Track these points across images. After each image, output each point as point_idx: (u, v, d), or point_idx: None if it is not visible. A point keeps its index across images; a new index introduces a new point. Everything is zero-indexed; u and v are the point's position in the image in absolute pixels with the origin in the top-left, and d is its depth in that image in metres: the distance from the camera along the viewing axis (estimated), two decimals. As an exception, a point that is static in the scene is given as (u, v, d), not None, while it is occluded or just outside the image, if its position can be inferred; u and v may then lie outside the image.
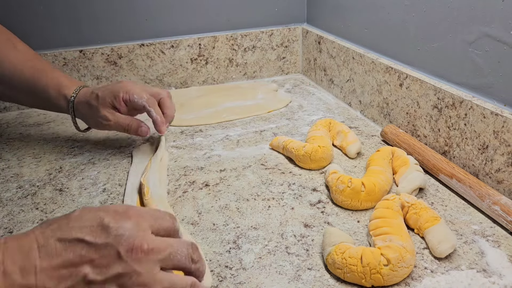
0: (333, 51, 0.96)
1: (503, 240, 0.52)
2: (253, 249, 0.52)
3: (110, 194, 0.64)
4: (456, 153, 0.65)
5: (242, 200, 0.62)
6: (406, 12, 0.74)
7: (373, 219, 0.52)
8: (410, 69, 0.75)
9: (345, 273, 0.46)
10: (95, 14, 0.96)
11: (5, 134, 0.86)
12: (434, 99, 0.68)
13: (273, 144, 0.75)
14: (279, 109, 0.92)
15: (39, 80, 0.69)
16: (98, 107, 0.67)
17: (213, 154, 0.75)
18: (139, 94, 0.67)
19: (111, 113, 0.67)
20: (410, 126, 0.75)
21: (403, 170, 0.62)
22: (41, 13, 0.93)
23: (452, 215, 0.57)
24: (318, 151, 0.67)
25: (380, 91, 0.81)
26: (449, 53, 0.66)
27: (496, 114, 0.57)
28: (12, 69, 0.69)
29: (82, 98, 0.69)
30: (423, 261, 0.49)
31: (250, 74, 1.10)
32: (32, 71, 0.69)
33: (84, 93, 0.69)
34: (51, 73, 0.70)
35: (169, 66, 1.03)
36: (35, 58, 0.72)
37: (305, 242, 0.53)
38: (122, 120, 0.67)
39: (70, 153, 0.77)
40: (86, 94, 0.69)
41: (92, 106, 0.67)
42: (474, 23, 0.61)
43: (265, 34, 1.07)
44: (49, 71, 0.70)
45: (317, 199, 0.62)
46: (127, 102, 0.67)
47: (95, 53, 0.97)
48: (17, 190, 0.66)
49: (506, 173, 0.57)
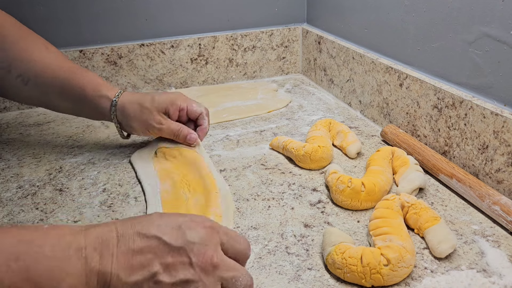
0: (333, 51, 0.96)
1: (503, 240, 0.52)
2: (253, 249, 0.52)
3: (110, 194, 0.64)
4: (456, 153, 0.65)
5: (242, 200, 0.62)
6: (406, 12, 0.74)
7: (373, 219, 0.52)
8: (410, 69, 0.75)
9: (345, 273, 0.46)
10: (95, 14, 0.96)
11: (5, 134, 0.86)
12: (434, 99, 0.68)
13: (273, 144, 0.75)
14: (279, 109, 0.92)
15: (75, 80, 0.68)
16: (152, 110, 0.68)
17: (213, 154, 0.75)
18: (197, 104, 0.71)
19: (164, 118, 0.69)
20: (410, 126, 0.75)
21: (403, 170, 0.62)
22: (41, 13, 0.93)
23: (452, 215, 0.57)
24: (318, 151, 0.67)
25: (380, 91, 0.81)
26: (449, 53, 0.66)
27: (496, 114, 0.57)
28: (45, 69, 0.68)
29: (130, 99, 0.69)
30: (423, 261, 0.49)
31: (250, 74, 1.10)
32: (67, 71, 0.69)
33: (130, 95, 0.69)
34: (88, 74, 0.70)
35: (169, 66, 1.03)
36: (69, 61, 0.71)
37: (305, 242, 0.53)
38: (174, 126, 0.69)
39: (70, 153, 0.77)
40: (135, 96, 0.69)
41: (145, 108, 0.68)
42: (474, 23, 0.61)
43: (265, 34, 1.07)
44: (85, 72, 0.70)
45: (317, 199, 0.62)
46: (182, 110, 0.70)
47: (95, 53, 0.97)
48: (17, 190, 0.66)
49: (506, 173, 0.57)
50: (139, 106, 0.68)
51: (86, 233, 0.36)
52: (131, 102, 0.69)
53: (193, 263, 0.36)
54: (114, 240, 0.36)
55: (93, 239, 0.36)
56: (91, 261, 0.35)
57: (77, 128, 0.87)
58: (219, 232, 0.39)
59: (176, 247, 0.37)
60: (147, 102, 0.68)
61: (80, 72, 0.69)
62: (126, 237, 0.36)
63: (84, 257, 0.35)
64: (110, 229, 0.37)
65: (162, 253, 0.36)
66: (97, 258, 0.35)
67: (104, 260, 0.35)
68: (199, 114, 0.71)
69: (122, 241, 0.36)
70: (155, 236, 0.37)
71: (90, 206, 0.61)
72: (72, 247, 0.35)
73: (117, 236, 0.36)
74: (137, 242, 0.36)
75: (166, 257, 0.36)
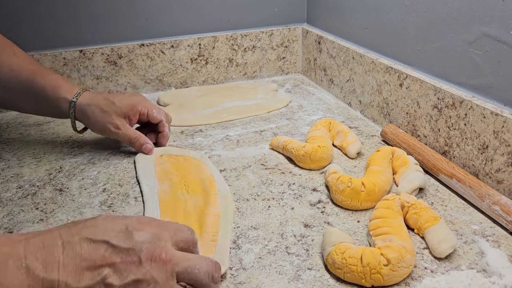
0: (333, 51, 0.96)
1: (503, 240, 0.52)
2: (253, 249, 0.52)
3: (110, 194, 0.64)
4: (456, 153, 0.65)
5: (242, 200, 0.62)
6: (406, 12, 0.74)
7: (373, 219, 0.52)
8: (410, 69, 0.75)
9: (345, 273, 0.46)
10: (95, 14, 0.96)
11: (5, 134, 0.86)
12: (434, 99, 0.68)
13: (273, 144, 0.75)
14: (279, 109, 0.92)
15: (37, 82, 0.69)
16: (111, 114, 0.69)
17: (213, 154, 0.75)
18: (158, 110, 0.72)
19: (123, 123, 0.69)
20: (410, 126, 0.75)
21: (403, 170, 0.62)
22: (41, 13, 0.93)
23: (452, 215, 0.57)
24: (318, 151, 0.67)
25: (380, 91, 0.81)
26: (449, 53, 0.66)
27: (496, 114, 0.57)
28: (9, 73, 0.69)
29: (89, 101, 0.69)
30: (423, 261, 0.49)
31: (250, 74, 1.10)
32: (31, 73, 0.69)
33: (90, 96, 0.70)
34: (50, 76, 0.70)
35: (169, 66, 1.03)
36: (34, 64, 0.72)
37: (305, 242, 0.53)
38: (131, 133, 0.70)
39: (70, 153, 0.77)
40: (95, 97, 0.70)
41: (104, 111, 0.69)
42: (474, 23, 0.61)
43: (265, 34, 1.07)
44: (47, 74, 0.70)
45: (317, 199, 0.62)
46: (143, 115, 0.70)
47: (95, 53, 0.97)
48: (17, 190, 0.66)
49: (506, 173, 0.57)
50: (99, 109, 0.69)
51: (26, 242, 0.36)
52: (90, 104, 0.69)
53: (143, 262, 0.37)
54: (60, 248, 0.36)
55: (34, 248, 0.35)
56: (34, 270, 0.34)
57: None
58: (166, 229, 0.40)
59: (125, 248, 0.37)
60: (106, 106, 0.69)
61: (42, 73, 0.70)
62: (72, 244, 0.36)
63: (25, 267, 0.34)
64: (54, 237, 0.36)
65: (111, 256, 0.36)
66: (40, 267, 0.34)
67: (49, 268, 0.35)
68: (158, 121, 0.73)
69: (68, 248, 0.36)
70: (103, 240, 0.37)
71: (90, 206, 0.61)
72: (11, 258, 0.34)
73: (62, 244, 0.36)
74: (85, 247, 0.36)
75: (115, 259, 0.36)
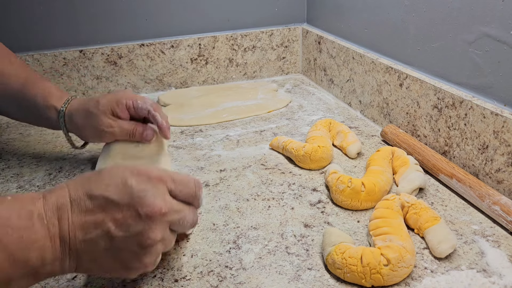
0: (333, 51, 0.96)
1: (503, 240, 0.52)
2: (253, 249, 0.52)
3: (110, 194, 0.64)
4: (456, 153, 0.65)
5: (242, 200, 0.62)
6: (406, 12, 0.74)
7: (373, 219, 0.52)
8: (410, 69, 0.75)
9: (345, 273, 0.46)
10: (95, 14, 0.96)
11: (5, 134, 0.86)
12: (434, 99, 0.68)
13: (273, 144, 0.75)
14: (279, 109, 0.92)
15: (28, 91, 0.66)
16: (99, 114, 0.64)
17: (213, 154, 0.75)
18: (142, 100, 0.65)
19: (114, 120, 0.64)
20: (410, 126, 0.75)
21: (403, 170, 0.62)
22: (41, 13, 0.93)
23: (452, 215, 0.57)
24: (318, 151, 0.67)
25: (380, 91, 0.81)
26: (449, 53, 0.66)
27: (496, 114, 0.57)
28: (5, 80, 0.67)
29: (77, 106, 0.66)
30: (423, 261, 0.49)
31: (250, 74, 1.10)
32: (23, 81, 0.67)
33: (78, 102, 0.66)
34: (41, 84, 0.68)
35: (169, 66, 1.03)
36: (28, 71, 0.70)
37: (305, 242, 0.53)
38: (127, 126, 0.64)
39: (70, 153, 0.77)
40: (82, 102, 0.66)
41: (91, 113, 0.64)
42: (474, 23, 0.61)
43: (265, 34, 1.07)
44: (39, 82, 0.68)
45: (317, 199, 0.62)
46: (130, 108, 0.65)
47: (95, 53, 0.97)
48: (17, 190, 0.66)
49: (506, 173, 0.57)
50: (85, 112, 0.64)
51: (45, 201, 0.39)
52: (77, 110, 0.65)
53: (142, 216, 0.39)
54: (68, 205, 0.39)
55: (50, 206, 0.39)
56: (52, 226, 0.38)
57: (77, 128, 0.87)
58: (166, 180, 0.42)
59: (125, 203, 0.39)
60: (92, 107, 0.64)
61: (34, 82, 0.67)
62: (77, 200, 0.39)
63: (46, 223, 0.38)
64: (64, 194, 0.40)
65: (111, 211, 0.39)
66: (56, 223, 0.38)
67: (62, 223, 0.38)
68: (146, 111, 0.64)
69: (74, 204, 0.39)
70: (102, 196, 0.39)
71: (90, 206, 0.61)
72: (35, 215, 0.38)
73: (70, 201, 0.39)
74: (87, 203, 0.39)
75: (116, 214, 0.39)
